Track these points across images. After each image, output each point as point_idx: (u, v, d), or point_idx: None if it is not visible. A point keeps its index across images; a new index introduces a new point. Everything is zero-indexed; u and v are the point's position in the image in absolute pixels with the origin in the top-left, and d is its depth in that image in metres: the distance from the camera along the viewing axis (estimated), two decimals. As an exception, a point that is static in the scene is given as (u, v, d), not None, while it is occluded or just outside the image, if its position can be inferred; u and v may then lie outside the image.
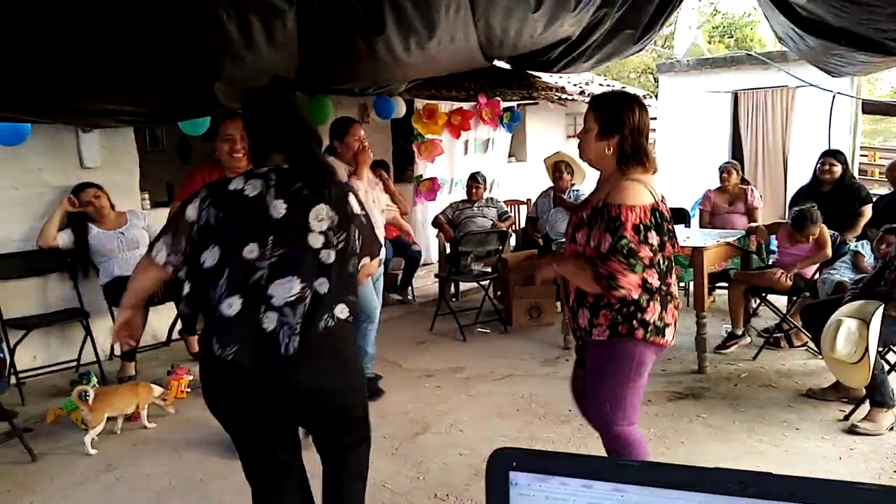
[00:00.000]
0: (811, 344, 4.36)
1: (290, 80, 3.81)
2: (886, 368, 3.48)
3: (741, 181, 5.90)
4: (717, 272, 5.00)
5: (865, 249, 4.73)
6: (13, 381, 4.13)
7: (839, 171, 5.12)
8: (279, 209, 1.80)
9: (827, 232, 4.43)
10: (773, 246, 5.10)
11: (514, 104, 7.95)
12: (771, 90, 8.25)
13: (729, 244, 4.65)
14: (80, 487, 3.04)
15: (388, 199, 4.17)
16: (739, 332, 4.68)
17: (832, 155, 5.23)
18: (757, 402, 3.78)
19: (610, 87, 8.97)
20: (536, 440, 3.36)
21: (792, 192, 6.14)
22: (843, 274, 4.62)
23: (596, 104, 2.27)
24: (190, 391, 3.93)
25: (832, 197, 5.06)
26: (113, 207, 4.57)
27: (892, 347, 3.62)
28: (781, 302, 4.83)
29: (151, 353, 4.71)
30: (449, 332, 5.26)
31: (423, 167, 7.19)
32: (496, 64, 5.86)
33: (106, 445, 3.41)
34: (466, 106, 7.31)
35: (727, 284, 4.89)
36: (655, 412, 3.61)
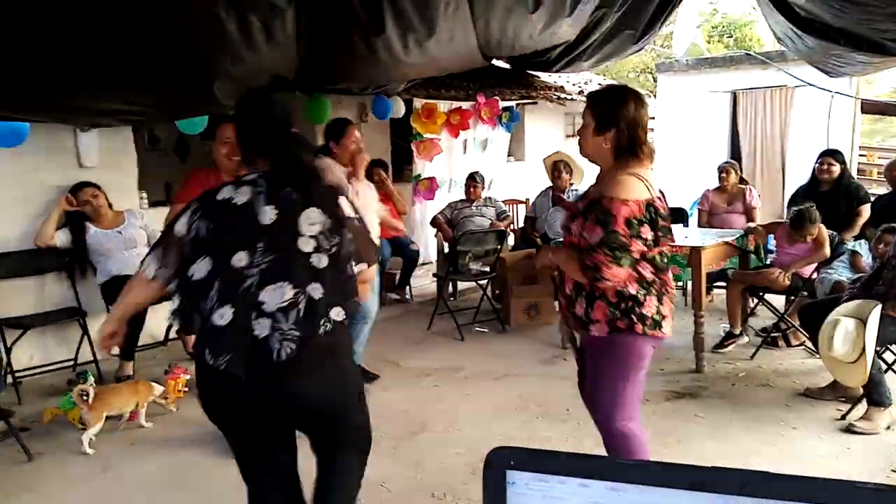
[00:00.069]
0: (809, 343, 4.37)
1: (281, 83, 3.80)
2: (884, 368, 3.48)
3: (740, 181, 5.91)
4: (715, 272, 5.01)
5: (863, 249, 4.74)
6: (10, 380, 4.12)
7: (837, 170, 5.13)
8: (269, 215, 1.79)
9: (825, 232, 4.44)
10: (771, 245, 5.11)
11: (512, 104, 7.95)
12: (770, 90, 8.26)
13: (727, 244, 4.65)
14: (76, 487, 3.03)
15: (377, 197, 4.15)
16: (737, 331, 4.68)
17: (831, 155, 5.24)
18: (754, 401, 3.79)
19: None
20: (534, 439, 3.36)
21: (790, 191, 6.14)
22: (840, 273, 4.62)
23: (592, 100, 2.29)
24: (187, 390, 3.92)
25: (830, 197, 5.06)
26: (111, 206, 4.57)
27: (889, 347, 3.62)
28: (779, 301, 4.84)
29: (149, 352, 4.70)
30: (447, 331, 5.25)
31: (421, 167, 7.19)
32: (495, 63, 5.86)
33: (103, 445, 3.40)
34: (465, 105, 7.31)
35: (725, 284, 4.90)
36: (653, 411, 3.61)
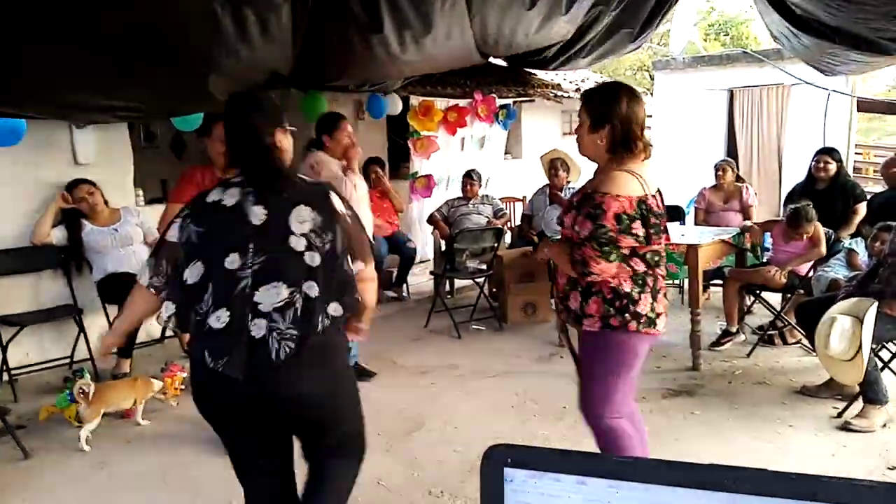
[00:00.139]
0: (805, 341, 4.37)
1: (277, 79, 3.78)
2: (880, 366, 3.49)
3: (736, 179, 5.92)
4: (711, 269, 5.02)
5: (860, 247, 4.75)
6: (6, 377, 4.11)
7: (834, 168, 5.13)
8: (259, 215, 1.77)
9: (821, 230, 4.45)
10: (767, 243, 5.12)
11: (509, 101, 7.94)
12: (766, 88, 8.27)
13: (724, 242, 4.66)
14: (73, 484, 3.03)
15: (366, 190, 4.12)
16: (734, 329, 4.69)
17: (827, 153, 5.24)
18: (751, 399, 3.79)
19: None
20: (531, 437, 3.36)
21: (787, 189, 6.15)
22: (837, 271, 4.63)
23: (585, 98, 2.32)
24: (184, 388, 3.91)
25: (827, 194, 5.07)
26: (107, 204, 4.55)
27: (885, 345, 3.63)
28: (776, 299, 4.85)
29: (145, 349, 4.69)
30: (444, 329, 5.25)
31: (419, 164, 7.18)
32: (492, 61, 5.85)
33: (99, 442, 3.39)
34: (462, 103, 7.30)
35: (722, 282, 4.91)
36: (650, 409, 3.61)
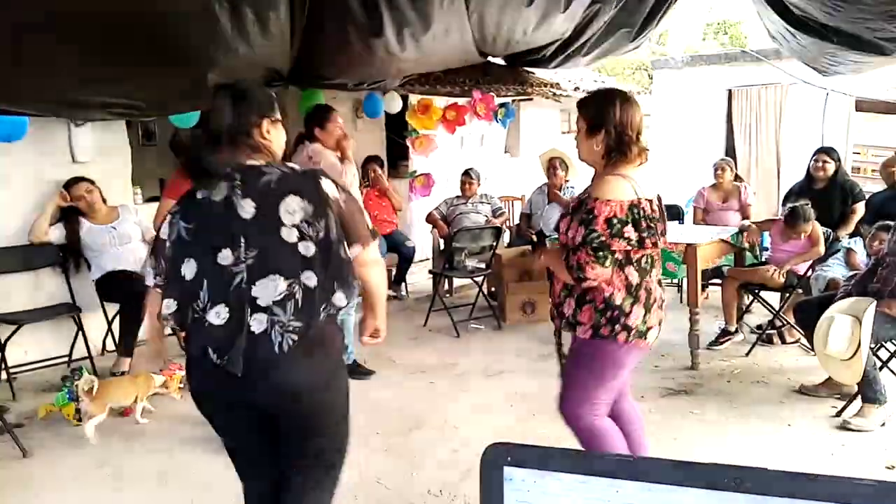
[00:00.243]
0: (804, 340, 4.38)
1: (276, 76, 3.77)
2: (878, 365, 3.50)
3: (735, 178, 5.92)
4: (710, 269, 5.02)
5: (858, 246, 4.75)
6: (4, 376, 4.10)
7: (832, 167, 5.13)
8: (248, 209, 1.73)
9: (819, 229, 4.45)
10: (766, 243, 5.12)
11: (508, 99, 7.94)
12: (765, 87, 8.27)
13: (722, 241, 4.66)
14: (72, 483, 3.02)
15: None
16: (732, 328, 4.69)
17: (825, 152, 5.24)
18: (749, 398, 3.80)
19: (603, 83, 8.98)
20: (530, 436, 3.36)
21: (785, 188, 6.16)
22: (835, 271, 4.63)
23: (581, 104, 2.34)
24: (182, 386, 3.91)
25: (825, 194, 5.07)
26: (105, 202, 4.54)
27: (883, 344, 3.64)
28: (774, 298, 4.85)
29: (144, 348, 4.68)
30: (443, 327, 5.25)
31: (417, 162, 7.18)
32: (490, 59, 5.86)
33: (99, 441, 3.39)
34: (461, 101, 7.30)
35: (720, 281, 4.91)
36: (648, 408, 3.61)
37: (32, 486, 3.01)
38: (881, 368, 3.53)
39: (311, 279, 1.73)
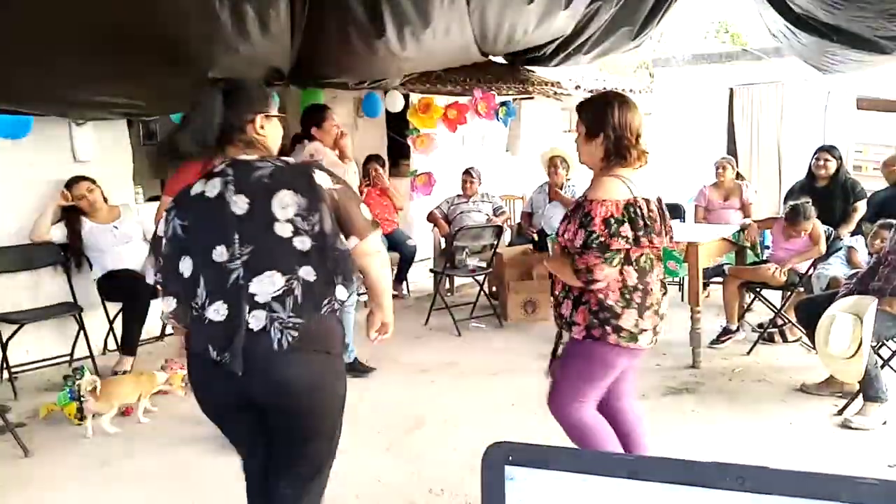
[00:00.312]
0: (805, 339, 4.37)
1: (276, 75, 3.77)
2: (879, 363, 3.49)
3: (736, 176, 5.92)
4: (711, 267, 5.02)
5: (859, 244, 4.75)
6: (6, 375, 4.11)
7: (833, 166, 5.13)
8: (241, 205, 1.72)
9: (820, 228, 4.45)
10: (767, 241, 5.12)
11: (509, 98, 7.93)
12: (766, 85, 8.26)
13: (724, 239, 4.66)
14: (73, 482, 3.02)
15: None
16: (734, 326, 4.69)
17: (827, 150, 5.24)
18: (751, 396, 3.80)
19: (604, 80, 8.95)
20: (532, 435, 3.36)
21: (787, 187, 6.15)
22: (837, 269, 4.63)
23: (580, 109, 2.37)
24: (185, 384, 3.91)
25: (827, 192, 5.07)
26: (106, 201, 4.55)
27: (885, 342, 3.64)
28: (776, 297, 4.85)
29: (145, 347, 4.68)
30: (444, 326, 5.25)
31: (418, 161, 7.17)
32: (491, 58, 5.85)
33: (99, 440, 3.40)
34: (462, 100, 7.29)
35: (722, 279, 4.91)
36: (650, 407, 3.60)
37: (34, 485, 3.01)
38: (883, 367, 3.53)
39: (309, 274, 1.72)
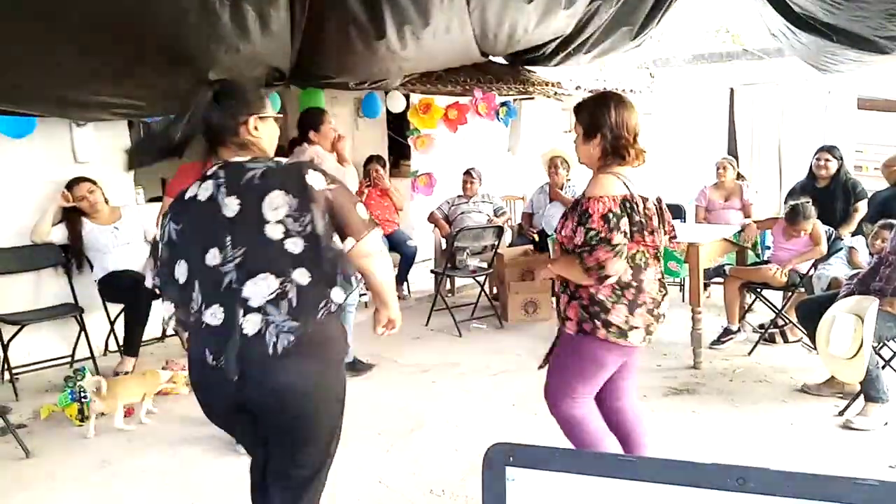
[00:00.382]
0: (806, 339, 4.37)
1: (277, 75, 3.76)
2: (881, 364, 3.49)
3: (737, 177, 5.91)
4: (712, 268, 5.01)
5: (860, 245, 4.74)
6: (7, 376, 4.11)
7: (834, 166, 5.13)
8: (232, 207, 1.69)
9: (821, 228, 4.44)
10: (767, 242, 5.11)
11: (510, 98, 7.93)
12: (767, 85, 8.26)
13: (724, 240, 4.65)
14: (74, 483, 3.03)
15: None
16: (734, 327, 4.69)
17: (827, 150, 5.24)
18: (752, 397, 3.79)
19: (604, 81, 8.96)
20: (532, 436, 3.36)
21: (787, 187, 6.15)
22: (838, 269, 4.62)
23: (576, 110, 2.38)
24: (187, 383, 3.92)
25: (828, 192, 5.06)
26: (107, 202, 4.55)
27: (886, 343, 3.63)
28: (776, 297, 4.85)
29: (145, 348, 4.68)
30: (445, 327, 5.25)
31: (419, 162, 7.17)
32: (492, 58, 5.85)
33: (100, 441, 3.40)
34: (463, 100, 7.29)
35: (722, 280, 4.90)
36: (651, 407, 3.60)
37: (35, 486, 3.01)
38: (884, 367, 3.52)
39: (303, 277, 1.68)
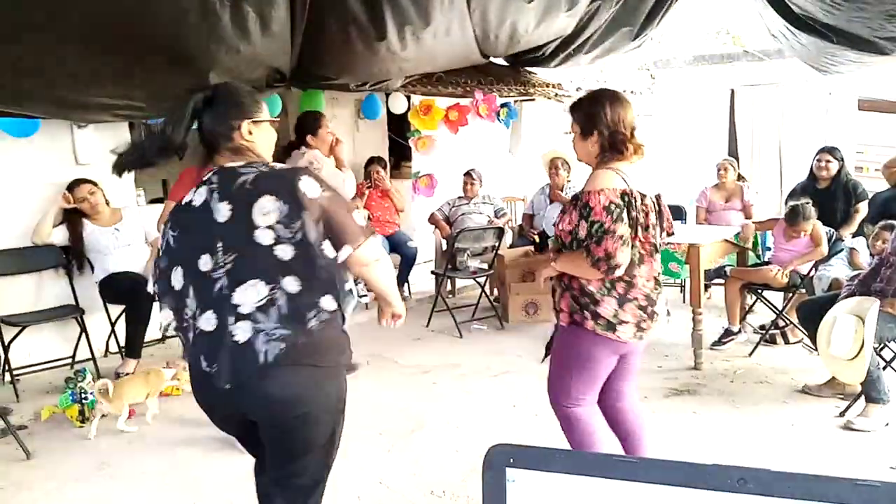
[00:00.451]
0: (807, 340, 4.37)
1: (277, 76, 3.76)
2: (882, 365, 3.49)
3: (738, 178, 5.92)
4: (713, 269, 5.01)
5: (861, 246, 4.74)
6: (7, 377, 4.11)
7: (835, 167, 5.13)
8: (224, 212, 1.68)
9: (821, 229, 4.44)
10: (768, 243, 5.11)
11: (510, 100, 7.93)
12: (767, 86, 8.26)
13: (725, 241, 4.65)
14: (75, 484, 3.03)
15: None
16: (735, 328, 4.69)
17: (828, 151, 5.24)
18: (753, 398, 3.79)
19: (605, 82, 8.96)
20: (533, 437, 3.36)
21: (788, 188, 6.15)
22: (838, 270, 4.62)
23: (572, 109, 2.40)
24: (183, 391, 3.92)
25: (828, 193, 5.06)
26: (108, 203, 4.55)
27: (887, 344, 3.63)
28: (777, 298, 4.84)
29: (146, 349, 4.68)
30: (445, 328, 5.25)
31: (420, 163, 7.18)
32: (492, 60, 5.85)
33: (101, 442, 3.40)
34: (463, 101, 7.29)
35: (723, 281, 4.90)
36: (651, 408, 3.60)
37: (35, 487, 3.01)
38: (885, 368, 3.52)
39: (292, 285, 1.66)
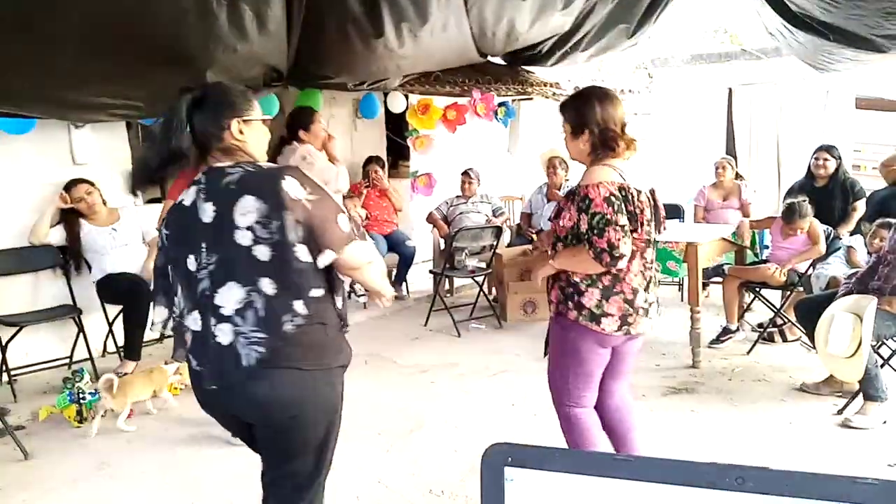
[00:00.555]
0: (805, 338, 4.37)
1: (275, 75, 3.76)
2: (879, 362, 3.50)
3: (736, 176, 5.92)
4: (711, 267, 5.02)
5: (859, 244, 4.75)
6: (5, 378, 4.11)
7: (833, 165, 5.13)
8: (209, 213, 1.68)
9: (818, 227, 4.45)
10: (766, 241, 5.12)
11: (508, 99, 7.93)
12: (765, 85, 8.27)
13: (723, 239, 4.66)
14: (73, 485, 3.02)
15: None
16: (733, 326, 4.69)
17: (826, 150, 5.24)
18: (751, 396, 3.80)
19: (602, 81, 8.97)
20: (531, 436, 3.36)
21: (786, 186, 6.15)
22: (836, 269, 4.63)
23: (561, 108, 2.41)
24: (185, 386, 3.91)
25: (826, 192, 5.07)
26: (105, 203, 4.54)
27: (885, 341, 3.64)
28: (775, 296, 4.85)
29: (144, 349, 4.68)
30: (443, 327, 5.25)
31: (418, 162, 7.18)
32: (490, 59, 5.85)
33: (99, 442, 3.40)
34: (461, 101, 7.29)
35: (721, 279, 4.91)
36: (650, 407, 3.61)
37: (33, 487, 3.00)
38: (882, 366, 3.53)
39: (269, 287, 1.64)
